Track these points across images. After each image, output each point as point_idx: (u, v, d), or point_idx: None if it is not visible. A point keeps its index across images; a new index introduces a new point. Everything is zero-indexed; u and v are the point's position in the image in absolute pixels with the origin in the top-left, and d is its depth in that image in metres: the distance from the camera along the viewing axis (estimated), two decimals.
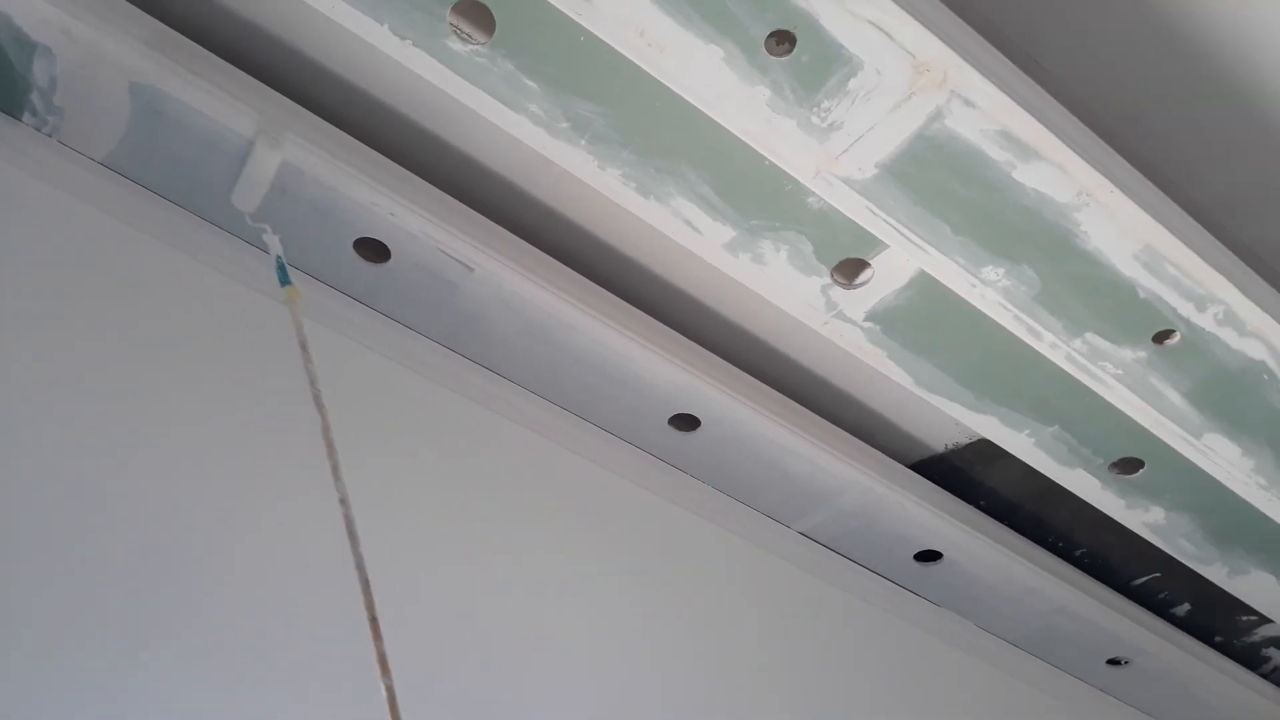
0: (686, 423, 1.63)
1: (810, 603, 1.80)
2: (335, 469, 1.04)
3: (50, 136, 1.33)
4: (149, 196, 1.38)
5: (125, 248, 1.36)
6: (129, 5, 1.24)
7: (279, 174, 1.30)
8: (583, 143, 1.26)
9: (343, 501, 1.02)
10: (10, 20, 1.20)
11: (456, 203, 1.40)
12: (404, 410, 1.49)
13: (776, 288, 1.41)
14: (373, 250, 1.41)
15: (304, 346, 1.10)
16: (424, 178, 1.39)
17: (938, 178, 1.20)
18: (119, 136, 1.32)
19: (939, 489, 1.81)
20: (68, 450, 1.24)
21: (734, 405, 1.59)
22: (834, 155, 1.19)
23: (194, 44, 1.27)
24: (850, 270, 1.40)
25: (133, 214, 1.37)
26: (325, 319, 1.44)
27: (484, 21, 1.17)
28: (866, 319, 1.43)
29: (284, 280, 1.19)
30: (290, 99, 1.32)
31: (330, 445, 1.05)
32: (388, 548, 1.33)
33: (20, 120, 1.32)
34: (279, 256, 1.22)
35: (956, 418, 1.58)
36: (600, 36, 1.11)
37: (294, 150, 1.28)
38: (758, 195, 1.31)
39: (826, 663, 1.79)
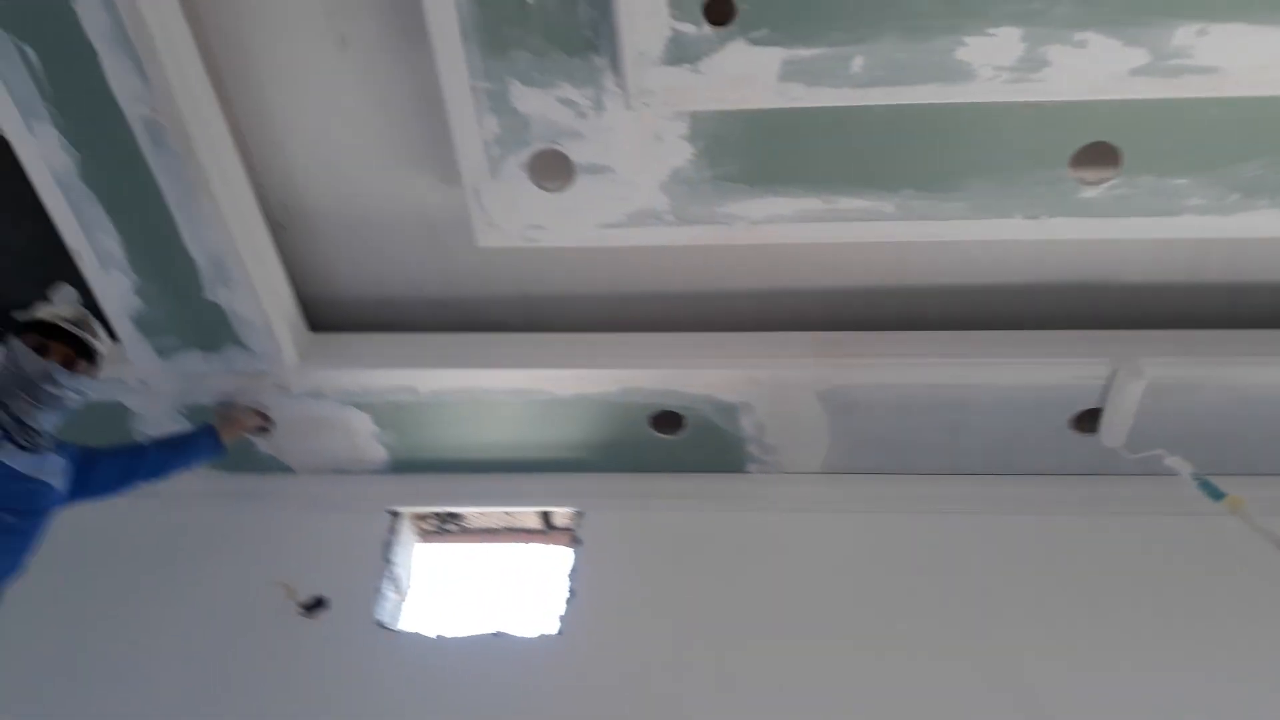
0: None
1: None
2: None
3: (771, 473, 1.44)
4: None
5: None
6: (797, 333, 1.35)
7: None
8: (1263, 203, 1.16)
9: None
10: (712, 396, 1.35)
11: None
12: None
13: None
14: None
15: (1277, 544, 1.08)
16: None
17: None
18: (827, 442, 1.40)
19: None
20: None
21: None
22: None
23: (856, 333, 1.35)
24: None
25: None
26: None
27: (1106, 157, 1.13)
28: None
29: (1217, 495, 1.18)
30: None
31: None
32: None
33: (746, 472, 1.44)
34: (1194, 474, 1.22)
35: None
36: None
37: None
38: None
39: None
